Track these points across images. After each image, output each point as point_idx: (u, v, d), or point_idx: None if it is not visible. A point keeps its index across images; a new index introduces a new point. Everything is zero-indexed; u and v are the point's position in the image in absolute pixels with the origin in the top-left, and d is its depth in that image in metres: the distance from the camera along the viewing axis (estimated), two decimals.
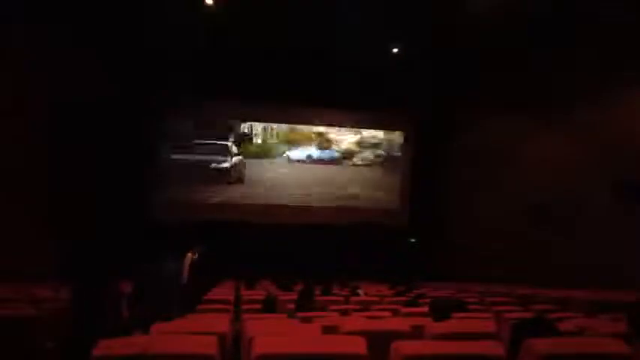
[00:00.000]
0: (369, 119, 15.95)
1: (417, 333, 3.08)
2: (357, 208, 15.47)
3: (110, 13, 11.62)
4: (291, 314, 4.23)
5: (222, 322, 3.16)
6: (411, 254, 14.94)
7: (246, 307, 5.08)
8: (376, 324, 3.42)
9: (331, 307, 4.92)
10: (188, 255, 10.49)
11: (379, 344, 2.35)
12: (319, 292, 6.73)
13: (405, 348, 2.24)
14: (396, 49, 13.67)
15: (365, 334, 2.36)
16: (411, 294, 7.37)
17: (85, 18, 11.63)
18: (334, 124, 15.88)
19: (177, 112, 14.72)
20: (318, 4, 11.33)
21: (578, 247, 9.83)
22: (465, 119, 14.42)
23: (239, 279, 10.22)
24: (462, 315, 4.21)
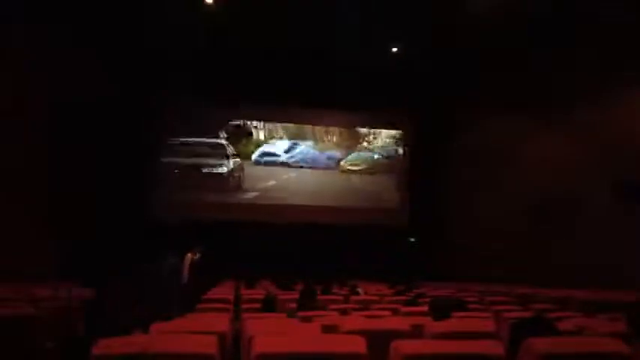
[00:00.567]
0: (368, 119, 15.96)
1: (417, 332, 3.08)
2: (356, 207, 15.46)
3: (110, 13, 11.62)
4: (292, 313, 4.23)
5: (222, 322, 3.16)
6: (411, 254, 14.94)
7: (246, 306, 5.08)
8: (376, 323, 3.42)
9: (331, 307, 4.92)
10: (188, 255, 10.51)
11: (379, 343, 2.35)
12: (319, 291, 6.73)
13: (405, 347, 2.24)
14: (396, 48, 13.68)
15: (365, 333, 2.36)
16: (411, 293, 7.37)
17: (85, 18, 11.63)
18: (334, 124, 15.88)
19: (177, 112, 14.72)
20: (318, 4, 11.33)
21: (578, 247, 9.83)
22: (465, 119, 14.42)
23: (239, 278, 10.22)
24: (461, 314, 4.22)
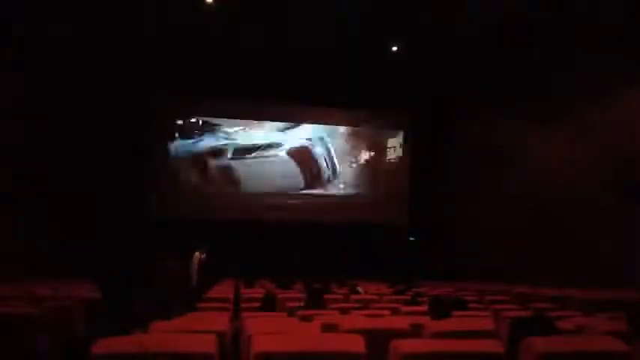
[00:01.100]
0: (368, 119, 15.95)
1: (416, 331, 3.08)
2: (356, 207, 15.45)
3: (110, 12, 11.62)
4: (296, 311, 4.23)
5: (222, 321, 3.16)
6: (411, 253, 14.94)
7: (246, 305, 5.08)
8: (375, 322, 3.42)
9: (331, 306, 4.92)
10: (196, 254, 10.59)
11: (378, 342, 2.35)
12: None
13: (404, 346, 2.24)
14: (396, 47, 13.67)
15: (364, 332, 2.36)
16: (410, 293, 7.37)
17: (85, 18, 11.64)
18: (334, 123, 15.88)
19: (177, 112, 14.72)
20: (318, 4, 11.33)
21: (578, 247, 9.83)
22: (465, 119, 14.42)
23: (238, 278, 10.23)
24: (461, 313, 4.22)
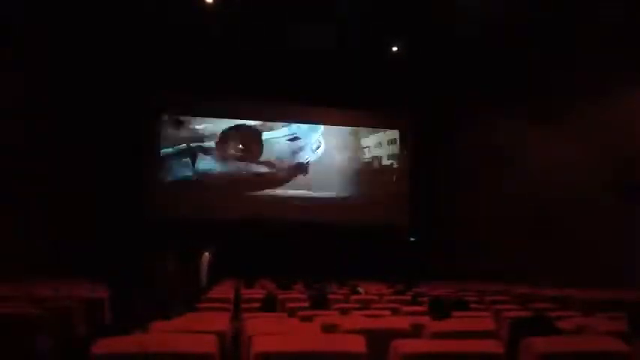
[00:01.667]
0: (368, 119, 15.96)
1: (417, 332, 3.08)
2: (357, 207, 15.44)
3: (110, 12, 11.62)
4: (297, 311, 4.24)
5: (222, 321, 3.16)
6: (411, 254, 14.94)
7: (246, 305, 5.08)
8: (376, 322, 3.42)
9: (331, 306, 4.93)
10: (205, 255, 10.67)
11: (379, 343, 2.35)
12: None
13: (405, 346, 2.24)
14: (396, 48, 13.68)
15: (364, 332, 2.36)
16: (411, 293, 7.37)
17: (86, 18, 11.64)
18: (334, 123, 15.88)
19: (177, 112, 14.72)
20: (318, 4, 11.34)
21: (578, 247, 9.83)
22: (465, 119, 14.42)
23: (239, 278, 10.23)
24: (461, 314, 4.22)
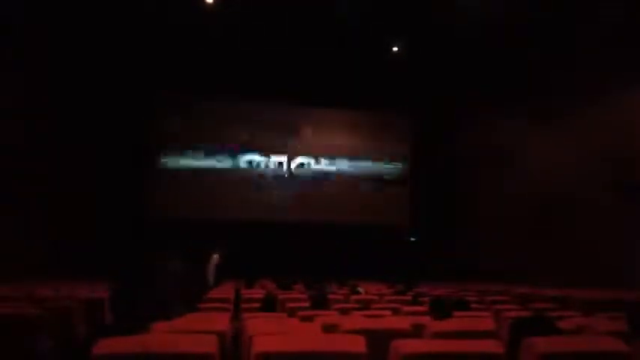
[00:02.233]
0: (368, 119, 15.96)
1: (417, 332, 3.08)
2: (357, 207, 15.45)
3: (110, 13, 11.63)
4: (297, 311, 4.24)
5: (222, 321, 3.16)
6: (412, 254, 14.94)
7: (246, 305, 5.08)
8: (376, 322, 3.42)
9: (331, 306, 4.93)
10: (214, 256, 10.73)
11: (379, 343, 2.35)
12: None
13: (405, 346, 2.24)
14: (396, 48, 13.68)
15: (365, 332, 2.36)
16: (411, 293, 7.37)
17: (86, 18, 11.65)
18: (334, 123, 15.87)
19: (177, 112, 14.72)
20: (318, 3, 11.34)
21: (578, 247, 9.83)
22: (465, 119, 14.43)
23: (239, 278, 10.23)
24: (462, 314, 4.22)
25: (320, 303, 4.68)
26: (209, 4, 11.46)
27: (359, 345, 2.18)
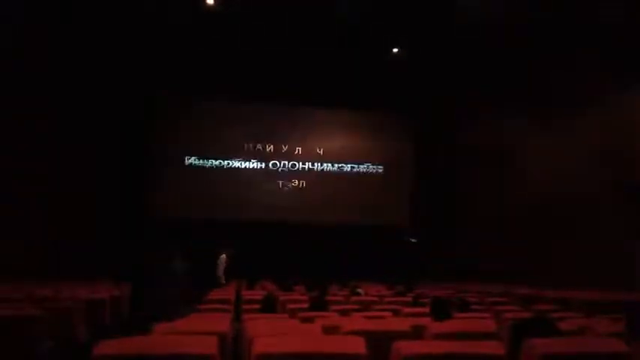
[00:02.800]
0: (368, 119, 15.95)
1: (418, 333, 3.08)
2: (357, 208, 15.44)
3: (110, 13, 11.63)
4: (298, 312, 4.24)
5: (223, 322, 3.16)
6: (412, 255, 14.94)
7: (247, 307, 5.08)
8: (377, 324, 3.42)
9: (332, 307, 4.92)
10: (223, 257, 10.77)
11: (380, 344, 2.36)
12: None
13: (406, 348, 2.24)
14: (397, 49, 13.68)
15: (365, 334, 2.36)
16: (411, 294, 7.37)
17: (85, 18, 11.65)
18: (334, 124, 15.86)
19: (177, 112, 14.72)
20: (318, 3, 11.34)
21: (578, 247, 9.83)
22: (465, 119, 14.42)
23: (239, 279, 10.24)
24: (463, 315, 4.22)
25: (319, 305, 4.68)
26: (209, 4, 11.46)
27: (359, 346, 2.19)
